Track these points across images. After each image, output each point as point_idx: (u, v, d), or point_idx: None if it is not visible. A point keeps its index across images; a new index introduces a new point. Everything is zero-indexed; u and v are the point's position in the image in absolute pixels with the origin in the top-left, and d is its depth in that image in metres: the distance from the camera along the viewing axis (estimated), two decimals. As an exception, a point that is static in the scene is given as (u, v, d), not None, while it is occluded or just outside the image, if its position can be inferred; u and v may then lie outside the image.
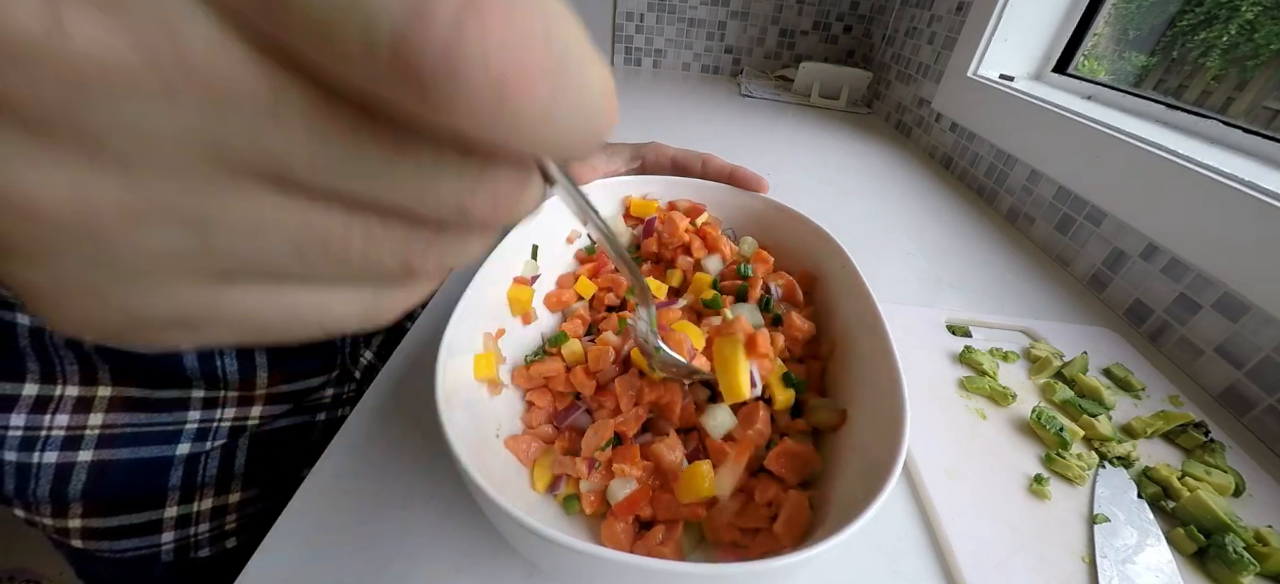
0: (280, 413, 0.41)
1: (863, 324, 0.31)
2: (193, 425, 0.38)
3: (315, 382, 0.42)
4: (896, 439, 0.22)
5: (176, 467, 0.38)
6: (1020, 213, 0.72)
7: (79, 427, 0.35)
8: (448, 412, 0.21)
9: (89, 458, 0.35)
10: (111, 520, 0.37)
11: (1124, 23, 0.81)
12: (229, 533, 0.40)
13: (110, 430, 0.36)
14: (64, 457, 0.35)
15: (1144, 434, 0.38)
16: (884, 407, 0.25)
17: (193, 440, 0.38)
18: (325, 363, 0.42)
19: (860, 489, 0.22)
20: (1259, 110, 0.59)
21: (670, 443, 0.27)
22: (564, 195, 0.15)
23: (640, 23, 1.42)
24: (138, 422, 0.36)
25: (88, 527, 0.36)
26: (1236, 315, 0.45)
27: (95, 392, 0.35)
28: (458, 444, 0.20)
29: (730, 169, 0.41)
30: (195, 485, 0.38)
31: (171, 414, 0.37)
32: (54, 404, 0.35)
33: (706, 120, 1.04)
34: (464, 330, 0.27)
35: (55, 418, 0.35)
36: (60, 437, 0.35)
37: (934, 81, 0.99)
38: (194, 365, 0.36)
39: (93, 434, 0.35)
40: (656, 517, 0.26)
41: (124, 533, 0.37)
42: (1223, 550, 0.30)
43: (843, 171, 0.85)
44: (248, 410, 0.40)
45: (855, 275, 0.33)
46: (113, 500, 0.36)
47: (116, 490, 0.36)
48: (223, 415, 0.39)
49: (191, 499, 0.38)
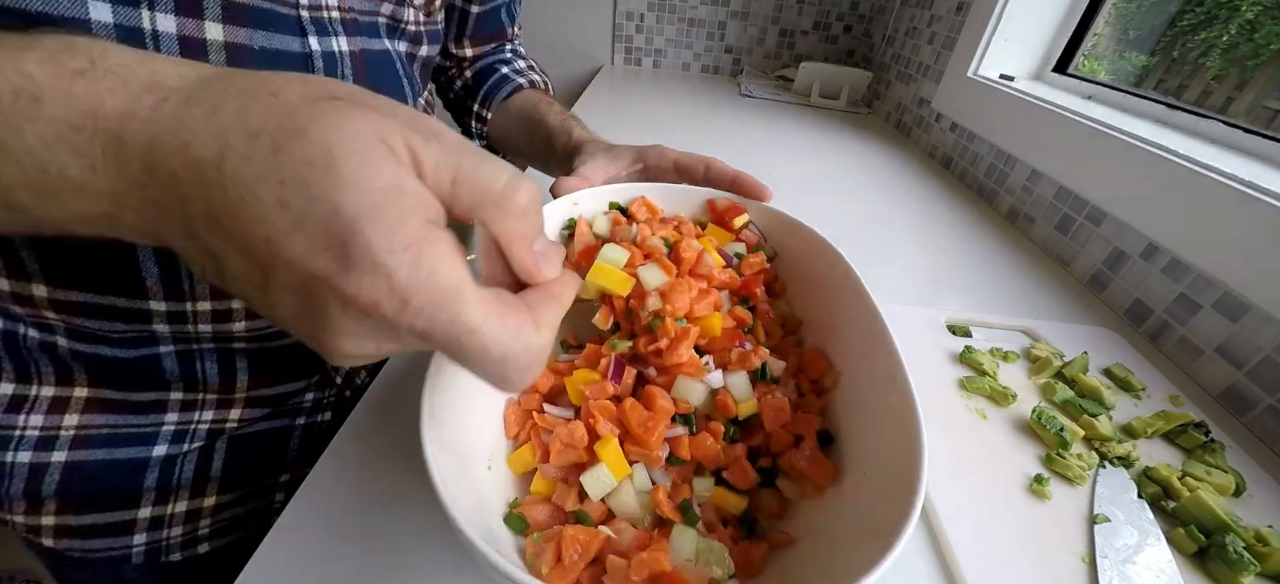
0: (259, 416, 0.40)
1: (876, 365, 0.29)
2: (170, 427, 0.37)
3: (297, 385, 0.41)
4: (907, 507, 0.21)
5: (152, 468, 0.37)
6: (1020, 213, 0.72)
7: (53, 427, 0.35)
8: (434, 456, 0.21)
9: (63, 458, 0.35)
10: (84, 518, 0.36)
11: (1124, 23, 0.81)
12: (202, 538, 0.40)
13: (86, 431, 0.35)
14: (38, 456, 0.35)
15: (1144, 434, 0.38)
16: (896, 479, 0.23)
17: (170, 442, 0.37)
18: (308, 366, 0.41)
19: (860, 554, 0.21)
20: (1259, 110, 0.59)
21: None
22: None
23: (640, 23, 1.42)
24: (114, 423, 0.36)
25: (61, 524, 0.36)
26: (1237, 315, 0.45)
27: (71, 392, 0.35)
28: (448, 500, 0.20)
29: (733, 175, 0.40)
30: (170, 488, 0.38)
31: (148, 416, 0.36)
32: (29, 404, 0.34)
33: (706, 120, 1.04)
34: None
35: (29, 418, 0.34)
36: (34, 436, 0.34)
37: (934, 81, 0.99)
38: (174, 368, 0.36)
39: (67, 435, 0.35)
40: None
41: (96, 532, 0.37)
42: (1223, 550, 0.30)
43: (843, 171, 0.85)
44: (226, 413, 0.39)
45: (873, 313, 0.30)
46: (86, 499, 0.36)
47: (90, 489, 0.36)
48: (201, 418, 0.38)
49: (166, 501, 0.38)
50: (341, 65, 0.35)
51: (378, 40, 0.39)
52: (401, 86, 0.41)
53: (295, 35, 0.32)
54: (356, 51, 0.36)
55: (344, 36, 0.35)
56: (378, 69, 0.38)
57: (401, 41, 0.42)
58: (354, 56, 0.36)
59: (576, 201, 0.38)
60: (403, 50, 0.43)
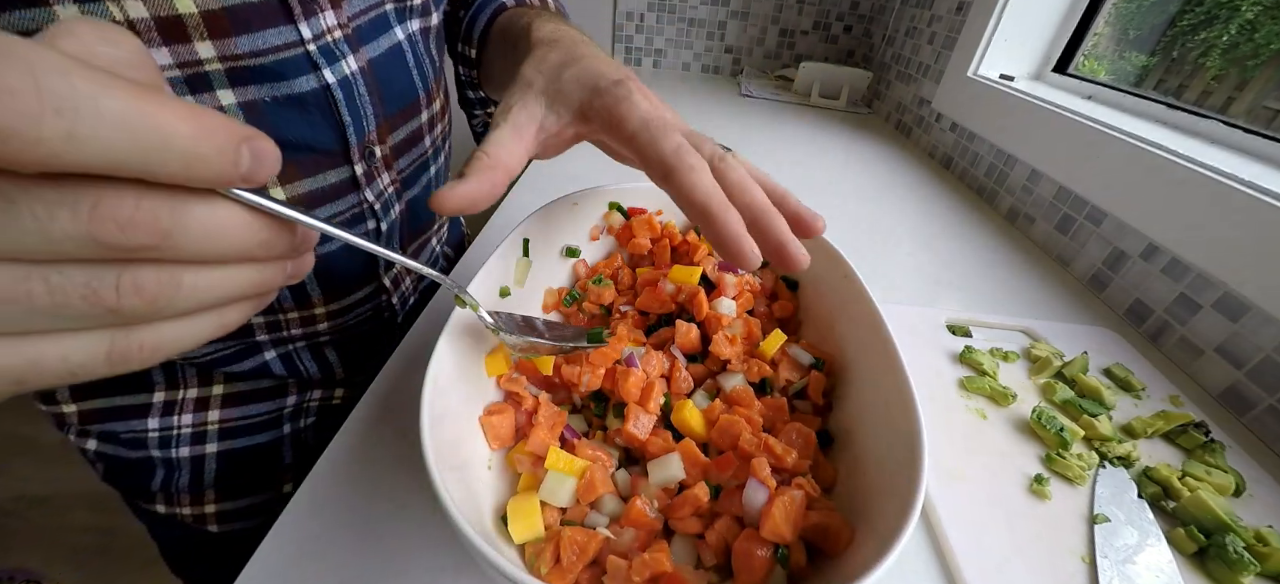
0: (358, 394, 0.44)
1: (876, 366, 0.29)
2: (289, 407, 0.44)
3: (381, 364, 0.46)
4: (907, 507, 0.21)
5: (286, 446, 0.44)
6: (1020, 213, 0.72)
7: (201, 424, 0.41)
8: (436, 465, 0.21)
9: (216, 448, 0.41)
10: (241, 501, 0.43)
11: (1124, 23, 0.81)
12: None
13: (228, 423, 0.42)
14: (195, 449, 0.41)
15: (1144, 434, 0.38)
16: (895, 480, 0.23)
17: (291, 420, 0.44)
18: (387, 347, 0.42)
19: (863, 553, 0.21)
20: (1259, 110, 0.59)
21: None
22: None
23: (640, 23, 1.42)
24: (247, 413, 0.42)
25: (222, 510, 0.42)
26: (1237, 315, 0.45)
27: (211, 391, 0.41)
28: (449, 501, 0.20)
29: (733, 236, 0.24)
30: (306, 463, 0.41)
31: (274, 401, 0.43)
32: (178, 406, 0.40)
33: (706, 120, 1.04)
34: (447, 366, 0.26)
35: (181, 418, 0.40)
36: (188, 432, 0.41)
37: (934, 81, 0.99)
38: (282, 371, 0.42)
39: (214, 428, 0.41)
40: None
41: (252, 512, 0.43)
42: (1223, 550, 0.30)
43: (843, 171, 0.85)
44: (332, 391, 0.46)
45: (873, 313, 0.30)
46: (240, 484, 0.43)
47: (242, 474, 0.42)
48: (312, 396, 0.45)
49: (304, 475, 0.41)
50: (356, 86, 0.35)
51: (386, 37, 0.38)
52: (412, 81, 0.41)
53: (308, 74, 0.32)
54: (364, 66, 0.36)
55: (351, 55, 0.34)
56: (387, 75, 0.38)
57: (413, 21, 0.41)
58: (363, 73, 0.35)
59: (576, 203, 0.38)
60: (416, 30, 0.42)
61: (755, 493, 0.25)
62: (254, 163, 0.14)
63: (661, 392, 0.31)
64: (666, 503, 0.26)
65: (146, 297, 0.14)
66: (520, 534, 0.24)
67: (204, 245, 0.14)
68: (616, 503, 0.27)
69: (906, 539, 0.20)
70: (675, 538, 0.26)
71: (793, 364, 0.33)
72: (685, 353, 0.34)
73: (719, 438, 0.29)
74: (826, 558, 0.24)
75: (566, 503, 0.26)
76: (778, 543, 0.24)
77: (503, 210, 0.61)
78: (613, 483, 0.27)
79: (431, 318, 0.43)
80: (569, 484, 0.26)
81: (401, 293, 0.47)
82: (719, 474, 0.27)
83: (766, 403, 0.30)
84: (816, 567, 0.24)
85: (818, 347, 0.34)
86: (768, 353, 0.33)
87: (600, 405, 0.32)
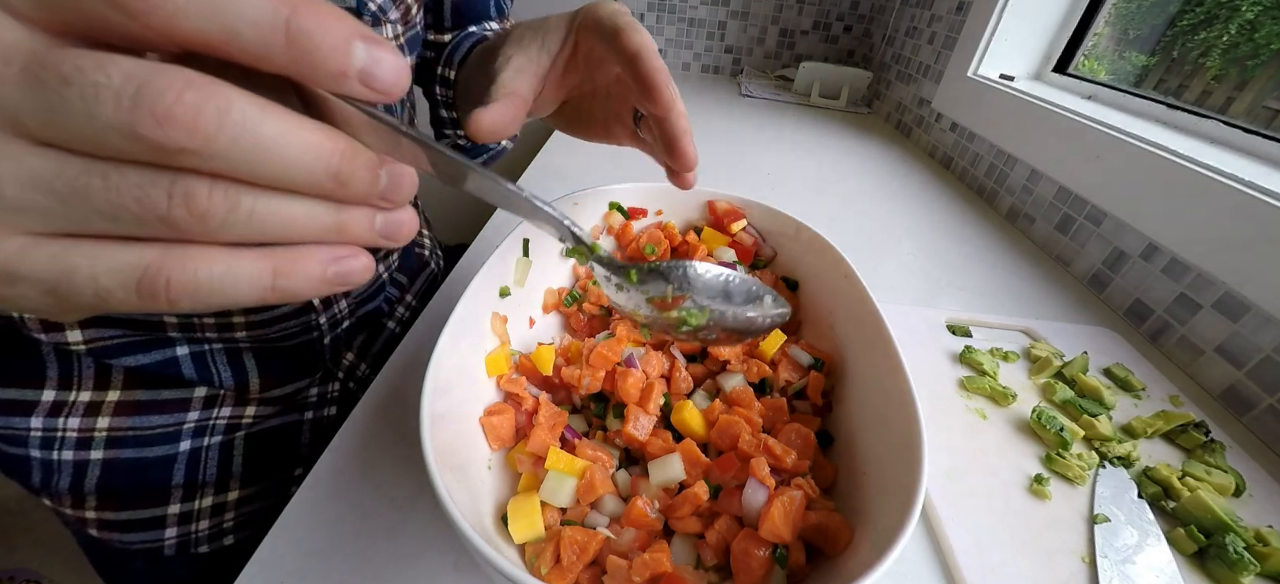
0: (271, 413, 0.43)
1: (876, 366, 0.29)
2: (191, 424, 0.40)
3: (302, 382, 0.45)
4: (907, 507, 0.21)
5: (179, 464, 0.40)
6: (1020, 213, 0.72)
7: (88, 430, 0.38)
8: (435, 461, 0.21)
9: (101, 456, 0.38)
10: (122, 514, 0.40)
11: (1124, 23, 0.81)
12: (227, 531, 0.42)
13: (117, 432, 0.38)
14: (79, 455, 0.38)
15: (1144, 434, 0.38)
16: (895, 479, 0.23)
17: (192, 438, 0.40)
18: (311, 364, 0.45)
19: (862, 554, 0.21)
20: (1259, 110, 0.59)
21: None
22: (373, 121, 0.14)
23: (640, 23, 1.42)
24: (140, 424, 0.39)
25: (101, 518, 0.40)
26: (1237, 315, 0.45)
27: (105, 396, 0.38)
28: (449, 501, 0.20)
29: (673, 138, 0.29)
30: (196, 483, 0.40)
31: (173, 415, 0.40)
32: (67, 408, 0.37)
33: (706, 120, 1.04)
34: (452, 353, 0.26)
35: (68, 421, 0.38)
36: (73, 437, 0.38)
37: (934, 81, 0.99)
38: (192, 373, 0.39)
39: (102, 436, 0.38)
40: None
41: (133, 526, 0.40)
42: (1223, 550, 0.30)
43: (843, 171, 0.85)
44: (243, 410, 0.42)
45: (873, 313, 0.30)
46: (122, 495, 0.40)
47: (125, 485, 0.39)
48: (219, 414, 0.41)
49: (193, 497, 0.40)
50: None
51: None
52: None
53: None
54: None
55: None
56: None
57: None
58: None
59: (576, 202, 0.38)
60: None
61: (755, 493, 0.25)
62: (371, 64, 0.13)
63: (661, 392, 0.31)
64: (666, 503, 0.27)
65: (197, 209, 0.13)
66: (520, 534, 0.25)
67: (254, 159, 0.13)
68: (617, 503, 0.27)
69: (906, 539, 0.20)
70: (675, 538, 0.26)
71: (792, 364, 0.33)
72: (685, 353, 0.34)
73: (719, 438, 0.29)
74: (826, 558, 0.24)
75: (567, 503, 0.26)
76: (777, 543, 0.24)
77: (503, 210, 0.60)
78: (613, 483, 0.27)
79: (431, 318, 0.43)
80: (569, 484, 0.26)
81: (332, 314, 0.44)
82: (719, 474, 0.27)
83: (766, 403, 0.30)
84: (816, 567, 0.24)
85: (817, 347, 0.34)
86: (767, 353, 0.33)
87: (600, 406, 0.32)
